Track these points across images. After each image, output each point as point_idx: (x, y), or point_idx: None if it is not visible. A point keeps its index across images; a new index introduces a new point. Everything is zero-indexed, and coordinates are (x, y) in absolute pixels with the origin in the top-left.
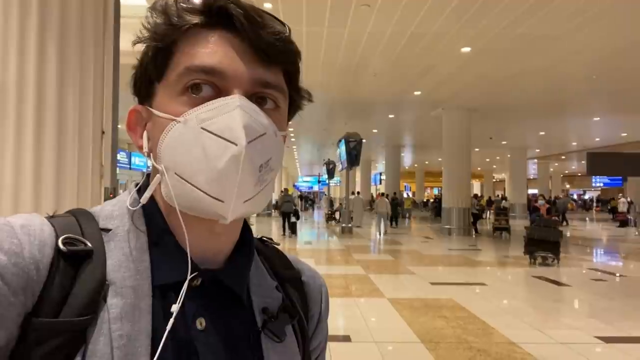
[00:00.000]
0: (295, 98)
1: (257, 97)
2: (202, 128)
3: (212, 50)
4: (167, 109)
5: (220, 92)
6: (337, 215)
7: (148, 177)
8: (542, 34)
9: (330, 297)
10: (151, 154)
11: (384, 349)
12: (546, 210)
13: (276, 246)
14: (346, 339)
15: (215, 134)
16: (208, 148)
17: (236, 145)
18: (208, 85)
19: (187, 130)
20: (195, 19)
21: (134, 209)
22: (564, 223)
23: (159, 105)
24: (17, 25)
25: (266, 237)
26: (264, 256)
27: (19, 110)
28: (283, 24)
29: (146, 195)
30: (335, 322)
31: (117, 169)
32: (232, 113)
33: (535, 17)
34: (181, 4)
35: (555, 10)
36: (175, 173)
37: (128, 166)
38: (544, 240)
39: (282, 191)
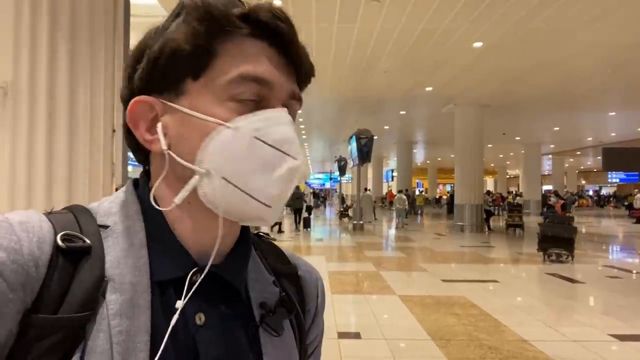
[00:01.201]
0: None
1: (291, 111)
2: (256, 137)
3: (262, 61)
4: (209, 111)
5: (261, 101)
6: (350, 212)
7: (147, 174)
8: (555, 28)
9: (341, 294)
10: (169, 151)
11: (394, 345)
12: (561, 207)
13: (273, 241)
14: (356, 335)
15: (272, 146)
16: (265, 158)
17: (295, 159)
18: (258, 96)
19: (238, 137)
20: (244, 27)
21: (169, 208)
22: None
23: (195, 105)
24: (28, 25)
25: (263, 232)
26: (261, 251)
27: (32, 109)
28: None
29: (182, 195)
30: (346, 319)
31: (130, 166)
32: (285, 127)
33: (548, 11)
34: (229, 8)
35: (569, 4)
36: (223, 177)
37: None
38: (558, 237)
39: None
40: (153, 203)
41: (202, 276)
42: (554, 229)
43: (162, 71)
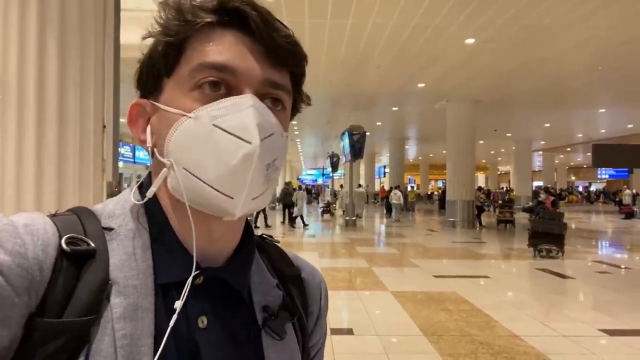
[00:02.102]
0: (297, 100)
1: (269, 98)
2: (214, 125)
3: (225, 49)
4: (177, 105)
5: (231, 90)
6: (332, 208)
7: (150, 175)
8: (547, 25)
9: (334, 290)
10: (155, 149)
11: (387, 341)
12: (551, 203)
13: (277, 244)
14: (349, 332)
15: (228, 132)
16: (220, 145)
17: (250, 143)
18: (220, 83)
19: (197, 126)
20: (209, 17)
21: (140, 203)
22: None
23: (168, 101)
24: (17, 18)
25: (267, 235)
26: (265, 254)
27: (20, 104)
28: (286, 27)
29: (152, 189)
30: (338, 315)
31: (122, 163)
32: (246, 112)
33: (540, 7)
34: (195, 1)
35: (560, 1)
36: (184, 168)
37: (132, 160)
38: (548, 233)
39: (285, 184)
40: (132, 199)
41: (200, 279)
42: (544, 224)
43: (146, 73)
